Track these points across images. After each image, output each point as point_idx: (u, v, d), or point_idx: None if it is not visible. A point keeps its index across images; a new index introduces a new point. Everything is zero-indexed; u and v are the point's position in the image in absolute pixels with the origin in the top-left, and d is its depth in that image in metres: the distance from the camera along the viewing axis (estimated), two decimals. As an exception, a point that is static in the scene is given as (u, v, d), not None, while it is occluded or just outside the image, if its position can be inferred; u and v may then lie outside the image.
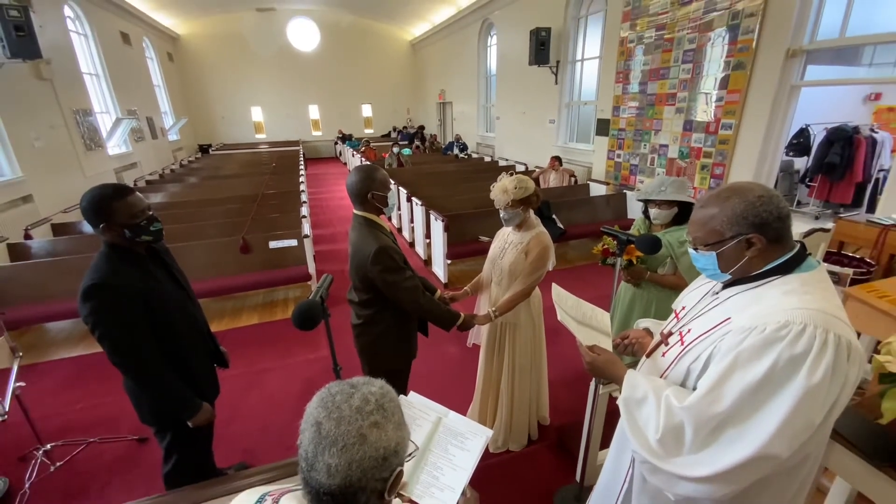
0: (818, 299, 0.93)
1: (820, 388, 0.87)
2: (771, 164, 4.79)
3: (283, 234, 4.40)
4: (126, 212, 1.49)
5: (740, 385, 0.92)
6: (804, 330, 0.88)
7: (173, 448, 1.77)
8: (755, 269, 1.02)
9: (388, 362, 1.99)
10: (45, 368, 3.38)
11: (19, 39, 4.99)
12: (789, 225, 0.99)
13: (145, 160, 9.85)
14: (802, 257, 1.00)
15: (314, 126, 17.10)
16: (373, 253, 1.71)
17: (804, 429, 0.90)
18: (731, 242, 1.00)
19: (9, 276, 3.69)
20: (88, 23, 8.38)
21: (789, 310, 0.92)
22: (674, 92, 5.58)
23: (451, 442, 1.14)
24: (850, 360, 0.89)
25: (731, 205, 1.00)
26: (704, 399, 0.96)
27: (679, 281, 2.17)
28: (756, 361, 0.91)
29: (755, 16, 4.52)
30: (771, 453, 0.90)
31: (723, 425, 0.95)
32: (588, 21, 7.68)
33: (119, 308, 1.45)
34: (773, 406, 0.90)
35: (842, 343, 0.88)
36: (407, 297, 1.81)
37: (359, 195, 1.77)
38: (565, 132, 8.53)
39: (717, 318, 1.05)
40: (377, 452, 0.65)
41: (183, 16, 13.44)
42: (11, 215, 5.05)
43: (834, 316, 0.91)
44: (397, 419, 0.70)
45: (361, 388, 0.70)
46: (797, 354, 0.88)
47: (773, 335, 0.90)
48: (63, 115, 6.69)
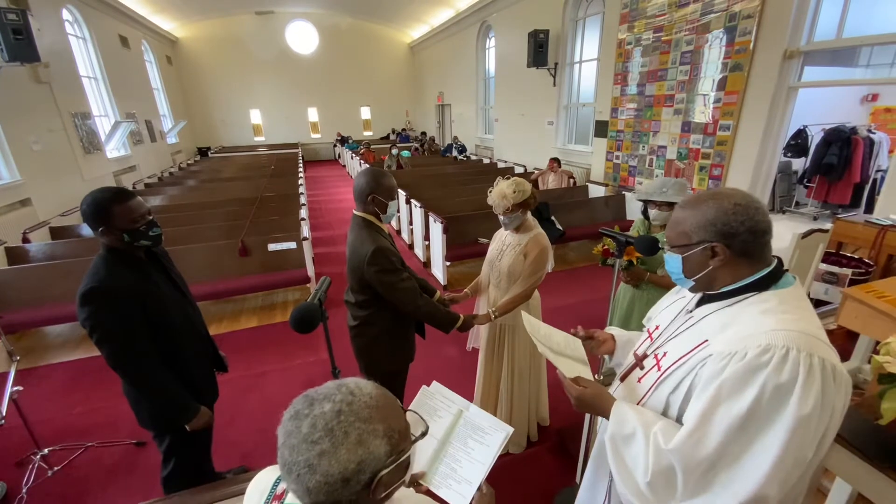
0: (797, 319, 0.88)
1: (811, 418, 0.81)
2: (769, 164, 4.80)
3: (281, 237, 4.40)
4: (126, 216, 1.48)
5: (726, 422, 0.85)
6: (787, 354, 0.83)
7: (172, 452, 1.76)
8: (722, 283, 0.97)
9: (385, 364, 1.98)
10: (44, 372, 3.37)
11: (17, 43, 5.00)
12: (765, 242, 0.92)
13: (144, 163, 9.85)
14: (779, 274, 0.94)
15: (313, 129, 17.11)
16: (369, 253, 1.71)
17: (796, 465, 0.83)
18: (697, 248, 0.96)
19: (7, 280, 3.68)
20: (87, 26, 8.39)
21: (769, 332, 0.86)
22: (672, 93, 5.59)
23: (472, 436, 1.14)
24: (836, 384, 0.84)
25: (704, 209, 0.95)
26: (690, 439, 0.89)
27: (678, 282, 2.17)
28: (740, 393, 0.85)
29: (752, 17, 4.54)
30: (763, 494, 0.83)
31: (714, 468, 0.88)
32: (586, 23, 7.71)
33: (117, 312, 1.45)
34: (764, 443, 0.83)
35: (827, 367, 0.83)
36: (404, 299, 1.81)
37: (361, 195, 1.79)
38: (564, 134, 8.55)
39: (693, 340, 0.98)
40: (332, 478, 0.61)
41: (182, 19, 13.47)
42: (10, 219, 5.04)
43: (816, 337, 0.86)
44: (357, 435, 0.63)
45: (315, 409, 0.64)
46: (783, 383, 0.82)
47: (755, 362, 0.84)
48: (62, 118, 6.69)
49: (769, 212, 1.03)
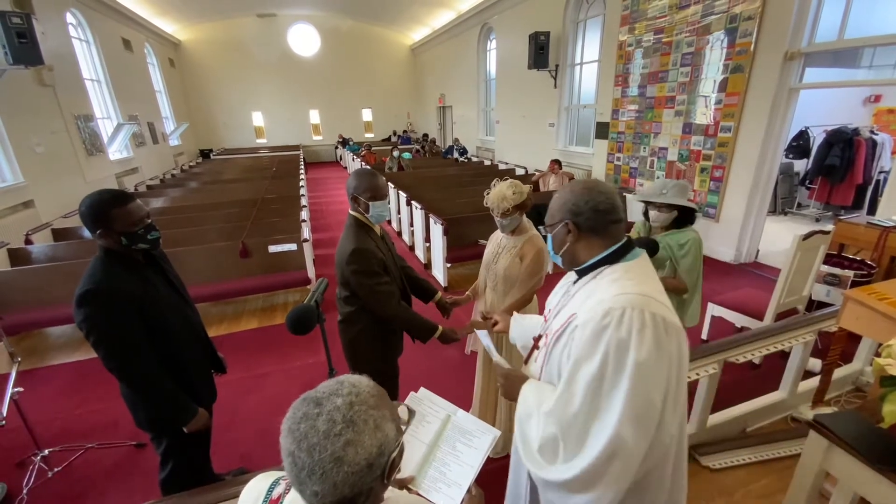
0: (637, 283, 1.01)
1: (648, 364, 0.93)
2: (770, 166, 4.78)
3: (282, 239, 4.41)
4: (124, 220, 1.47)
5: (585, 379, 0.98)
6: (624, 313, 0.95)
7: (170, 454, 1.76)
8: (582, 259, 1.10)
9: (369, 361, 1.97)
10: (45, 373, 3.38)
11: (21, 46, 5.03)
12: (609, 220, 1.05)
13: (146, 165, 9.89)
14: (629, 248, 1.07)
15: (315, 130, 17.16)
16: (348, 252, 1.73)
17: (647, 408, 0.94)
18: (558, 226, 1.11)
19: (9, 281, 3.70)
20: (90, 29, 8.44)
21: (612, 297, 0.99)
22: (673, 95, 5.59)
23: (460, 439, 1.16)
24: (669, 337, 0.96)
25: (563, 194, 1.11)
26: (560, 401, 1.02)
27: (679, 284, 2.17)
28: (592, 353, 0.97)
29: (753, 19, 4.53)
30: (623, 436, 0.94)
31: (586, 424, 0.99)
32: (587, 25, 7.71)
33: (113, 314, 1.44)
34: (615, 392, 0.95)
35: (658, 320, 0.95)
36: (376, 303, 1.79)
37: (349, 194, 1.81)
38: (565, 135, 8.55)
39: (566, 315, 1.09)
40: (359, 466, 0.63)
41: (184, 22, 13.53)
42: (12, 220, 5.07)
43: (650, 297, 0.98)
44: (373, 422, 0.67)
45: (326, 405, 0.65)
46: (623, 338, 0.94)
47: (600, 324, 0.97)
48: (65, 120, 6.73)
49: (770, 213, 1.11)
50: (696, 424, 2.21)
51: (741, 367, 2.42)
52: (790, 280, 2.86)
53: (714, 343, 2.10)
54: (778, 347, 2.21)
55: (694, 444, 2.23)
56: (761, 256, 5.21)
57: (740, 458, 2.23)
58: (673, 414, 0.99)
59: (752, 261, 5.18)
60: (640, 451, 0.97)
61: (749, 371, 3.02)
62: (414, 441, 1.17)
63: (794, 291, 2.98)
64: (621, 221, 1.07)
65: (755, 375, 3.01)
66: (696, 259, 2.12)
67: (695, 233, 2.15)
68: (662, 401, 0.96)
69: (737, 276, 4.78)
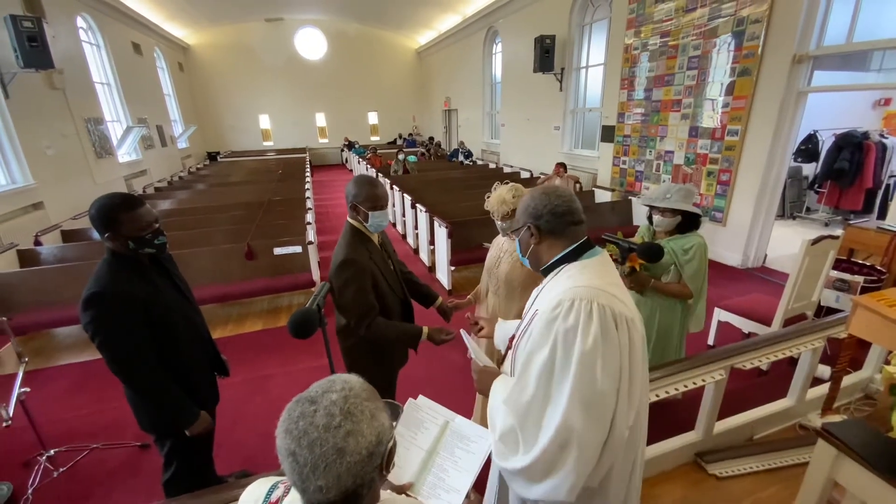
0: (590, 278, 1.06)
1: (594, 352, 0.97)
2: (779, 169, 4.74)
3: (288, 241, 4.43)
4: (132, 224, 1.49)
5: (537, 368, 1.02)
6: (572, 304, 1.00)
7: (172, 456, 1.77)
8: (545, 259, 1.16)
9: (365, 373, 1.93)
10: (52, 374, 3.41)
11: (32, 50, 5.11)
12: (566, 221, 1.11)
13: (155, 167, 10.00)
14: (587, 247, 1.13)
15: (321, 133, 17.26)
16: (337, 263, 1.69)
17: (594, 396, 0.97)
18: (522, 230, 1.18)
19: (18, 282, 3.74)
20: (101, 33, 8.56)
21: (564, 290, 1.04)
22: (679, 98, 5.56)
23: (458, 445, 1.17)
24: (618, 328, 0.99)
25: (526, 200, 1.18)
26: (515, 389, 1.07)
27: (683, 289, 2.15)
28: (543, 343, 1.02)
29: (760, 22, 4.51)
30: (572, 422, 0.97)
31: (540, 412, 1.02)
32: (592, 28, 7.71)
33: (119, 317, 1.46)
34: (563, 380, 0.99)
35: (606, 311, 0.99)
36: (351, 319, 1.72)
37: (348, 201, 1.75)
38: (570, 139, 8.53)
39: (531, 312, 1.14)
40: (360, 455, 0.65)
41: (193, 26, 13.70)
42: (22, 222, 5.14)
43: (601, 290, 1.02)
44: (369, 412, 0.69)
45: (322, 401, 0.68)
46: (569, 327, 0.99)
47: (550, 315, 1.02)
48: (75, 123, 6.83)
49: (778, 217, 1.13)
50: (703, 431, 2.19)
51: (748, 374, 2.39)
52: (799, 285, 2.83)
53: (721, 349, 2.08)
54: (786, 354, 2.18)
55: (700, 451, 2.21)
56: (769, 261, 5.15)
57: (747, 466, 2.20)
58: (627, 407, 1.01)
59: (760, 265, 5.13)
60: (595, 440, 0.99)
61: (756, 377, 2.98)
62: (413, 447, 1.17)
63: (803, 297, 2.94)
64: (580, 223, 1.13)
65: (763, 382, 2.97)
66: (701, 264, 2.10)
67: (700, 237, 2.13)
68: (616, 391, 0.99)
69: (744, 281, 4.73)
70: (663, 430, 2.23)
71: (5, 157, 5.31)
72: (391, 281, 1.85)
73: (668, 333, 2.28)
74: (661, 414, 2.55)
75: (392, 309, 1.85)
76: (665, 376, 1.94)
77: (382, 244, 1.90)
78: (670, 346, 2.30)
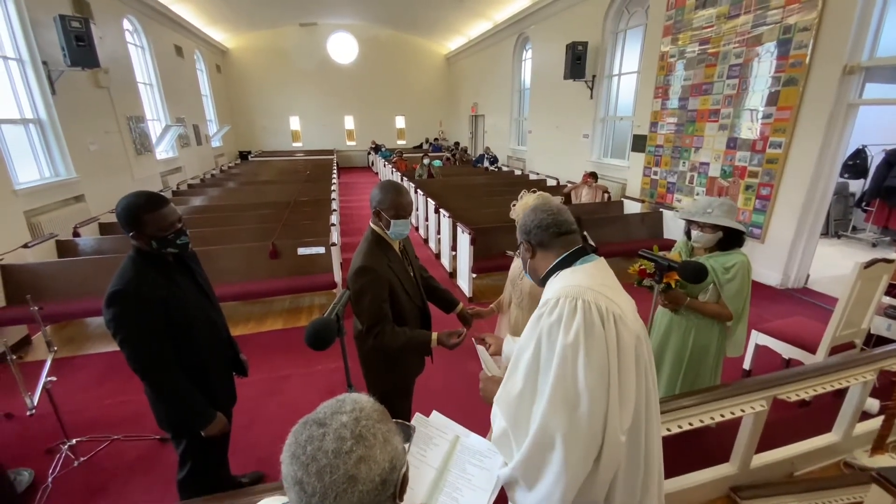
0: (581, 278, 1.07)
1: (577, 346, 0.97)
2: (825, 185, 4.47)
3: (312, 242, 4.45)
4: (155, 224, 1.51)
5: (524, 364, 1.05)
6: (557, 302, 1.02)
7: (188, 455, 1.76)
8: (541, 271, 1.19)
9: (382, 377, 1.91)
10: (80, 362, 3.52)
11: (80, 49, 5.34)
12: (553, 233, 1.15)
13: (189, 165, 10.34)
14: (581, 254, 1.14)
15: (349, 136, 17.54)
16: (355, 269, 1.67)
17: (577, 390, 0.96)
18: (521, 247, 1.25)
19: (55, 271, 3.89)
20: (145, 36, 8.94)
21: (553, 291, 1.07)
22: (717, 108, 5.34)
23: (470, 461, 1.11)
24: (605, 324, 0.98)
25: (522, 217, 1.24)
26: (505, 387, 1.09)
27: (722, 310, 2.01)
28: (529, 340, 1.05)
29: (809, 30, 4.28)
30: (555, 418, 0.96)
31: (528, 409, 1.02)
32: (627, 35, 7.53)
33: (140, 316, 1.47)
34: (548, 373, 1.00)
35: (591, 307, 0.99)
36: (364, 325, 1.71)
37: (372, 206, 1.73)
38: (599, 147, 8.34)
39: None
40: (373, 483, 0.60)
41: (233, 31, 14.18)
42: (63, 213, 5.36)
43: (589, 288, 1.03)
44: (382, 436, 0.64)
45: (332, 424, 0.63)
46: (553, 321, 1.01)
47: (537, 313, 1.06)
48: (117, 121, 7.12)
49: (822, 236, 1.15)
50: (739, 464, 2.03)
51: (788, 404, 2.22)
52: (848, 311, 2.62)
53: (763, 377, 1.93)
54: (835, 386, 2.01)
55: (735, 485, 2.05)
56: (811, 282, 4.85)
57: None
58: (619, 408, 0.98)
59: (802, 286, 4.83)
60: (583, 439, 0.96)
61: (797, 408, 2.77)
62: (422, 466, 1.11)
63: (852, 324, 2.73)
64: (568, 233, 1.15)
65: (804, 413, 2.76)
66: (744, 284, 1.96)
67: (743, 256, 1.99)
68: (604, 389, 0.97)
69: (784, 303, 4.46)
70: (694, 460, 2.09)
71: (50, 150, 5.57)
72: (409, 289, 1.82)
73: (703, 356, 2.14)
74: (693, 442, 2.40)
75: (409, 316, 1.81)
76: (700, 403, 1.80)
77: (404, 250, 1.87)
78: (705, 370, 2.16)
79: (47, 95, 5.38)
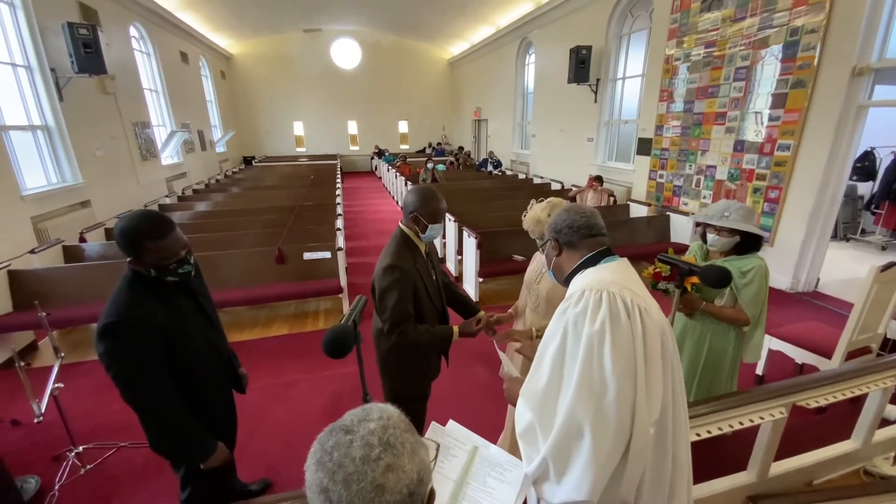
0: (605, 274, 1.09)
1: (602, 333, 0.97)
2: (835, 188, 4.43)
3: (317, 246, 4.44)
4: (157, 253, 1.39)
5: (550, 355, 1.05)
6: (582, 294, 1.04)
7: (188, 480, 1.70)
8: (566, 270, 1.21)
9: (398, 378, 1.91)
10: (87, 368, 3.50)
11: (87, 56, 5.37)
12: (582, 234, 1.17)
13: (194, 170, 10.38)
14: (605, 255, 1.16)
15: (352, 141, 17.59)
16: (384, 266, 1.70)
17: (603, 378, 0.96)
18: (547, 244, 1.27)
19: (61, 277, 3.89)
20: (151, 42, 9.01)
21: (578, 286, 1.09)
22: (723, 111, 5.31)
23: (490, 473, 1.08)
24: (630, 315, 0.99)
25: (552, 217, 1.29)
26: (531, 379, 1.10)
27: (739, 315, 1.97)
28: (556, 332, 1.05)
29: (816, 32, 4.25)
30: (582, 406, 0.96)
31: (554, 400, 1.02)
32: (631, 39, 7.53)
33: (134, 349, 1.36)
34: (574, 362, 0.99)
35: (616, 298, 1.01)
36: (389, 322, 1.71)
37: (406, 210, 1.78)
38: (604, 151, 8.32)
39: None
40: (401, 495, 0.58)
41: (237, 37, 14.29)
42: (70, 219, 5.37)
43: (613, 282, 1.05)
44: (410, 446, 0.62)
45: (359, 431, 0.61)
46: (578, 312, 1.02)
47: (562, 307, 1.08)
48: (123, 126, 7.16)
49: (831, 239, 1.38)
50: (757, 473, 1.99)
51: (804, 410, 2.17)
52: (864, 316, 2.57)
53: (781, 384, 1.88)
54: (855, 392, 1.96)
55: (753, 494, 2.01)
56: (821, 286, 4.79)
57: (806, 514, 1.98)
58: (647, 399, 0.97)
59: (812, 290, 4.77)
60: (611, 427, 0.95)
61: (813, 415, 2.72)
62: (440, 478, 1.07)
63: (868, 328, 2.68)
64: (597, 235, 1.18)
65: (820, 420, 2.71)
66: (761, 289, 1.93)
67: (760, 260, 1.96)
68: (631, 379, 0.96)
69: (795, 307, 4.40)
70: (710, 469, 2.05)
71: (57, 156, 5.59)
72: (432, 291, 1.84)
73: (719, 362, 2.10)
74: (709, 450, 2.35)
75: (429, 318, 1.83)
76: (716, 411, 1.76)
77: (428, 253, 1.89)
78: (721, 377, 2.12)
79: (55, 102, 5.41)
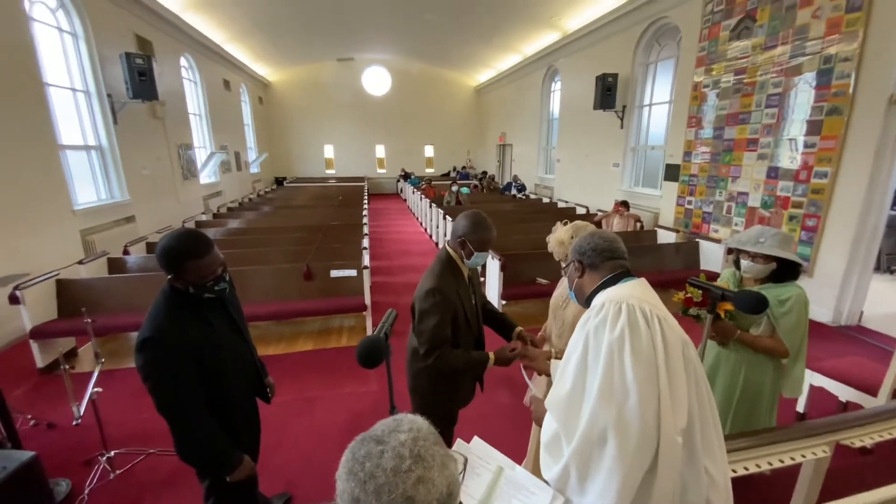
0: (623, 290, 1.13)
1: (622, 339, 1.00)
2: (877, 217, 4.25)
3: (343, 264, 4.53)
4: (197, 272, 1.48)
5: (573, 364, 1.08)
6: (602, 306, 1.09)
7: (213, 491, 1.73)
8: (587, 291, 1.25)
9: (427, 398, 1.89)
10: (122, 375, 3.64)
11: (141, 83, 5.83)
12: (604, 257, 1.23)
13: (229, 189, 10.88)
14: (625, 275, 1.20)
15: (379, 164, 18.09)
16: (427, 288, 1.70)
17: (624, 383, 0.98)
18: (570, 266, 1.32)
19: (106, 287, 4.10)
20: (199, 71, 9.67)
21: (598, 300, 1.14)
22: (755, 137, 5.22)
23: (516, 496, 1.05)
24: (650, 324, 1.02)
25: (577, 240, 1.34)
26: (555, 388, 1.13)
27: (777, 345, 1.89)
28: (578, 342, 1.10)
29: (850, 60, 4.19)
30: (605, 411, 0.97)
31: (579, 405, 1.04)
32: (658, 67, 7.57)
33: (171, 365, 1.44)
34: (596, 368, 1.02)
35: (635, 308, 1.05)
36: (425, 345, 1.70)
37: (454, 233, 1.78)
38: (630, 176, 8.26)
39: None
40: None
41: (276, 66, 15.15)
42: (115, 233, 5.71)
43: (631, 295, 1.09)
44: (440, 459, 0.63)
45: (390, 441, 0.62)
46: (599, 321, 1.07)
47: (584, 318, 1.13)
48: (169, 148, 7.64)
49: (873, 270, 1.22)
50: (799, 517, 1.86)
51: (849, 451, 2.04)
52: (914, 351, 2.42)
53: (823, 420, 1.78)
54: (906, 433, 1.83)
55: (795, 540, 1.87)
56: (865, 319, 4.53)
57: (856, 566, 1.82)
58: (672, 405, 0.97)
59: (856, 324, 4.52)
60: (635, 433, 0.95)
61: (858, 456, 2.54)
62: (463, 496, 1.06)
63: (919, 365, 2.51)
64: (618, 258, 1.23)
65: (867, 462, 2.53)
66: (801, 319, 1.85)
67: (799, 289, 1.88)
68: (654, 384, 0.97)
69: (837, 341, 4.17)
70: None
71: (108, 174, 6.00)
72: (470, 316, 1.84)
73: (757, 396, 2.00)
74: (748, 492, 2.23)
75: (465, 343, 1.83)
76: (754, 446, 1.68)
77: (470, 278, 1.89)
78: (759, 411, 2.01)
79: (110, 124, 5.85)
